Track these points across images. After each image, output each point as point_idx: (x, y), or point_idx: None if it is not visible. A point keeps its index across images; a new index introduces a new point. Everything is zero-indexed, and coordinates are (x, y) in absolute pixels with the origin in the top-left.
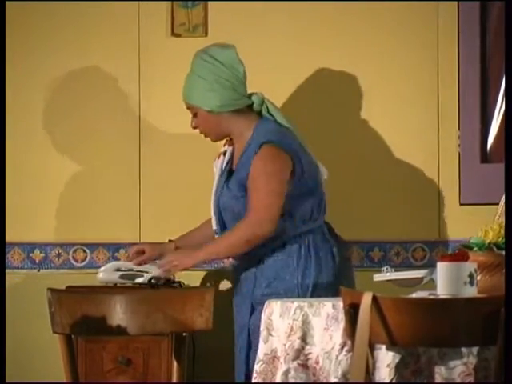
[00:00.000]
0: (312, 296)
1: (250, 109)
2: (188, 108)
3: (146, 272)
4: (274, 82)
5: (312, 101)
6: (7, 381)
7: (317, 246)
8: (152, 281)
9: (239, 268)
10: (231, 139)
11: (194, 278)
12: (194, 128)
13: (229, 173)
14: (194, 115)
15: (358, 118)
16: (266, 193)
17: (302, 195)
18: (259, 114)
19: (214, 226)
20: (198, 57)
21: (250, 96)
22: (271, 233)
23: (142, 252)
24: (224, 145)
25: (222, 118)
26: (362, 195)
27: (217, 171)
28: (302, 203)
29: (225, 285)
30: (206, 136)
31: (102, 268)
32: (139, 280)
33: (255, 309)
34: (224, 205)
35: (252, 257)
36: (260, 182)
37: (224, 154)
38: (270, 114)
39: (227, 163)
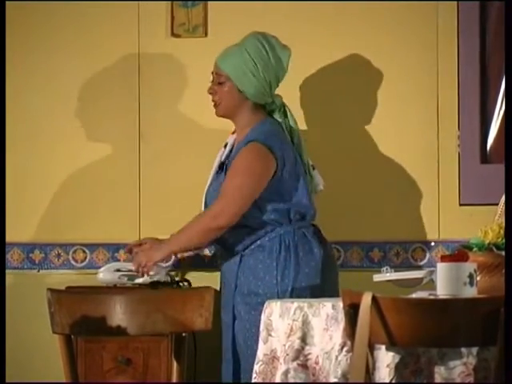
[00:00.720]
0: (291, 297)
1: (263, 107)
2: (216, 73)
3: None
4: None
5: (311, 101)
6: (7, 381)
7: (297, 246)
8: (156, 280)
9: (224, 266)
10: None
11: (193, 279)
12: (210, 93)
13: (221, 166)
14: (219, 83)
15: (357, 118)
16: (237, 187)
17: (278, 195)
18: (269, 114)
19: None
20: (256, 38)
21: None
22: (230, 225)
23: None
24: (232, 133)
25: (244, 103)
26: (361, 196)
27: (216, 162)
28: (277, 204)
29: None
30: (215, 105)
31: (102, 268)
32: (139, 280)
33: (236, 309)
34: (210, 197)
35: (235, 256)
36: (235, 175)
37: (225, 146)
38: (284, 117)
39: (226, 156)
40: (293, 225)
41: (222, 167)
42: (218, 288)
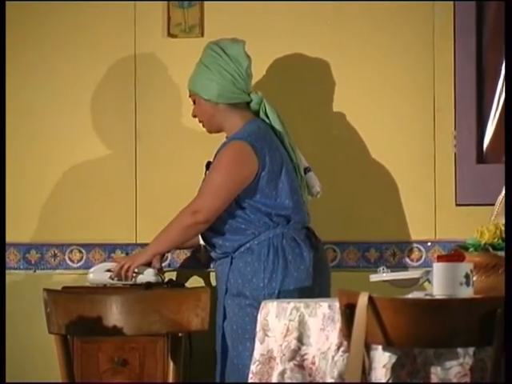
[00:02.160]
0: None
1: (248, 107)
2: (190, 96)
3: (137, 273)
4: (272, 82)
5: (308, 100)
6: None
7: (285, 249)
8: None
9: (217, 268)
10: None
11: (190, 279)
12: (194, 116)
13: (207, 165)
14: (194, 104)
15: (354, 118)
16: (215, 183)
17: (266, 198)
18: (256, 113)
19: None
20: (208, 47)
21: (249, 94)
22: (207, 222)
23: None
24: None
25: (217, 109)
26: (357, 196)
27: None
28: (266, 207)
29: None
30: (203, 126)
31: (92, 269)
32: (129, 281)
33: (226, 310)
34: None
35: (226, 258)
36: (213, 173)
37: None
38: (266, 116)
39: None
40: (282, 228)
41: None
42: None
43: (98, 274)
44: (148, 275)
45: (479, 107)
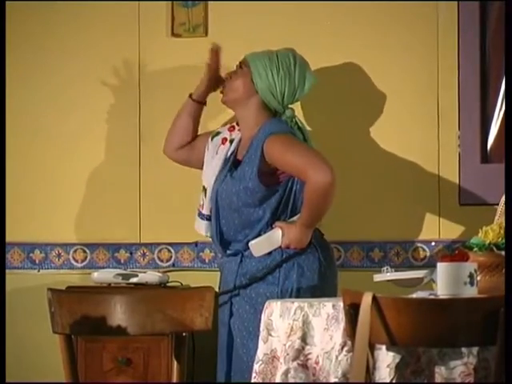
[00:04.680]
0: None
1: (271, 111)
2: (240, 64)
3: (141, 272)
4: None
5: (311, 101)
6: (7, 381)
7: (300, 249)
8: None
9: (224, 266)
10: (233, 127)
11: (192, 278)
12: (225, 78)
13: (234, 163)
14: (238, 68)
15: (357, 119)
16: (302, 152)
17: (289, 195)
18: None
19: (207, 211)
20: (291, 52)
21: (284, 108)
22: (333, 173)
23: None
24: (229, 129)
25: (250, 94)
26: (362, 195)
27: (219, 156)
28: (287, 204)
29: None
30: (222, 92)
31: (99, 271)
32: (133, 280)
33: (234, 307)
34: (222, 194)
35: (235, 256)
36: (292, 151)
37: (231, 141)
38: (299, 129)
39: (232, 152)
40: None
41: (235, 163)
42: (217, 288)
43: (103, 273)
44: (152, 275)
45: (483, 107)
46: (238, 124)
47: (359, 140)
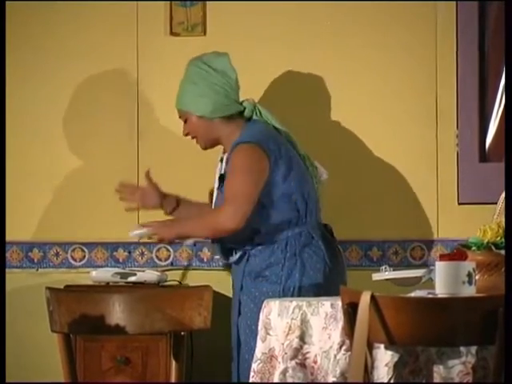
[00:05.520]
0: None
1: (241, 115)
2: (180, 116)
3: (139, 271)
4: (273, 81)
5: (311, 100)
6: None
7: (303, 248)
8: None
9: (233, 266)
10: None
11: (191, 277)
12: (186, 135)
13: (222, 178)
14: (185, 121)
15: (356, 118)
16: (238, 190)
17: (283, 197)
18: (250, 120)
19: None
20: (192, 64)
21: (241, 103)
22: (239, 225)
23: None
24: (223, 152)
25: (212, 124)
26: (360, 194)
27: (216, 176)
28: (284, 205)
29: (223, 284)
30: (197, 142)
31: (97, 270)
32: (132, 279)
33: (242, 306)
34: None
35: (242, 253)
36: (232, 180)
37: (221, 160)
38: (262, 118)
39: (224, 168)
40: (299, 227)
41: (223, 180)
42: (230, 287)
43: (101, 272)
44: (150, 274)
45: (482, 106)
46: None
47: (357, 139)
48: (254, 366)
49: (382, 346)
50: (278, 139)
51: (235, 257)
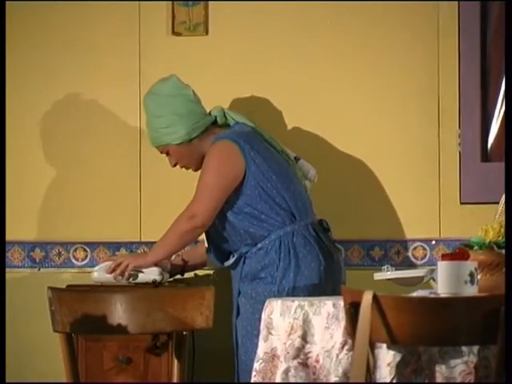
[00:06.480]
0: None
1: (216, 125)
2: (161, 151)
3: (140, 271)
4: (275, 80)
5: (312, 99)
6: (7, 381)
7: (296, 247)
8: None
9: (232, 270)
10: None
11: (194, 278)
12: (174, 166)
13: None
14: (167, 154)
15: (358, 117)
16: (206, 186)
17: (265, 196)
18: (227, 126)
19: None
20: (147, 100)
21: (210, 113)
22: (205, 226)
23: None
24: None
25: (193, 145)
26: (362, 194)
27: None
28: (267, 205)
29: (225, 284)
30: (187, 169)
31: (96, 267)
32: (134, 278)
33: (240, 308)
34: None
35: (238, 257)
36: (203, 175)
37: None
38: (234, 121)
39: None
40: (292, 226)
41: None
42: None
43: (103, 273)
44: (153, 273)
45: (483, 106)
46: None
47: (360, 138)
48: (256, 365)
49: (384, 345)
50: (254, 137)
51: (231, 261)
